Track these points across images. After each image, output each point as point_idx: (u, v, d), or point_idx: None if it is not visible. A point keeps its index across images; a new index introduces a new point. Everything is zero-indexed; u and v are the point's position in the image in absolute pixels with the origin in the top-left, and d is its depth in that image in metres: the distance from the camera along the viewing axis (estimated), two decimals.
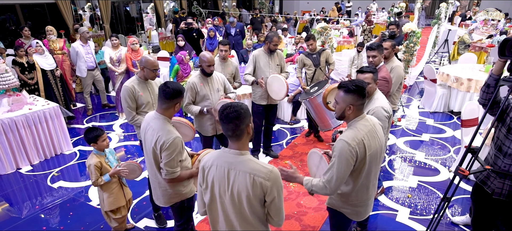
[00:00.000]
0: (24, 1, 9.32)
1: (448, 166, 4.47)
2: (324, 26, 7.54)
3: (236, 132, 1.65)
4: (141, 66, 3.00)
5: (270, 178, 1.64)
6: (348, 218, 2.27)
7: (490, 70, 5.89)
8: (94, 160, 2.85)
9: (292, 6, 20.83)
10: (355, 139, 1.93)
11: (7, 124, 4.32)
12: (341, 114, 2.03)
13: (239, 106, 1.66)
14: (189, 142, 5.31)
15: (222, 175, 1.70)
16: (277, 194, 1.67)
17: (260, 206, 1.70)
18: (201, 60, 3.35)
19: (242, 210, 1.71)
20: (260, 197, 1.67)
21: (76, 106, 7.00)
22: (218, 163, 1.72)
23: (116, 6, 12.34)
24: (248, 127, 1.69)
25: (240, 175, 1.66)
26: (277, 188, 1.67)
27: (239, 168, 1.67)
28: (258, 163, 1.68)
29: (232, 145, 1.71)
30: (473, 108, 4.12)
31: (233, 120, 1.63)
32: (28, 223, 3.49)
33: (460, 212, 3.56)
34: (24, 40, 6.43)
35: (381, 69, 3.29)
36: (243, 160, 1.68)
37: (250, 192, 1.65)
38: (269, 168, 1.66)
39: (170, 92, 2.19)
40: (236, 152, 1.69)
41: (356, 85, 1.94)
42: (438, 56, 10.65)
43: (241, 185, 1.66)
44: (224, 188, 1.71)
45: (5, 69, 4.56)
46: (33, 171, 4.53)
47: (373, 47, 3.29)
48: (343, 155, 1.92)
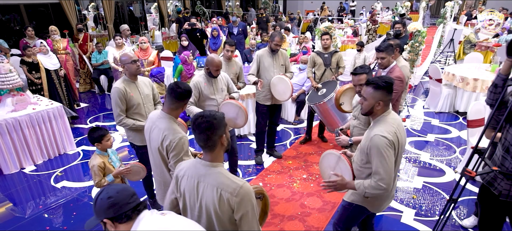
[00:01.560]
0: (28, 1, 9.36)
1: (454, 167, 4.42)
2: (328, 26, 7.49)
3: (208, 143, 1.56)
4: (122, 65, 3.03)
5: (238, 194, 1.51)
6: (367, 211, 2.32)
7: (497, 69, 5.84)
8: (97, 161, 2.83)
9: (296, 5, 20.79)
10: (390, 132, 2.00)
11: (11, 124, 4.33)
12: (370, 110, 2.08)
13: (212, 115, 1.56)
14: (191, 141, 5.31)
15: (192, 187, 1.62)
16: (246, 212, 1.53)
17: (229, 223, 1.58)
18: (209, 63, 3.32)
19: (211, 225, 1.61)
20: (228, 214, 1.55)
21: (80, 106, 7.02)
22: (189, 173, 1.64)
23: (120, 6, 12.36)
24: (221, 138, 1.59)
25: (208, 188, 1.56)
26: (246, 205, 1.53)
27: (207, 181, 1.58)
28: (228, 177, 1.57)
29: (205, 156, 1.62)
30: (479, 108, 4.07)
31: (204, 131, 1.54)
32: (32, 223, 3.50)
33: (466, 213, 3.51)
34: (28, 40, 6.46)
35: (394, 69, 3.25)
36: (213, 173, 1.58)
37: (216, 207, 1.54)
38: (239, 184, 1.54)
39: (181, 92, 2.17)
40: (207, 163, 1.60)
41: (386, 82, 2.01)
42: (444, 55, 10.56)
43: (208, 199, 1.57)
44: (193, 200, 1.63)
45: (9, 69, 4.57)
46: (37, 171, 4.54)
47: (382, 49, 3.24)
48: (383, 149, 1.97)
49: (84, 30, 7.90)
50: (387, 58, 3.25)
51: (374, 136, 2.00)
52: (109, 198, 1.40)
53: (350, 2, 20.04)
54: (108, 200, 1.40)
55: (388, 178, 2.02)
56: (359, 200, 2.32)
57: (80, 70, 7.95)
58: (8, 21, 9.55)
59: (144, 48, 6.11)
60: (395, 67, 3.27)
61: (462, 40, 9.83)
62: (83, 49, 7.68)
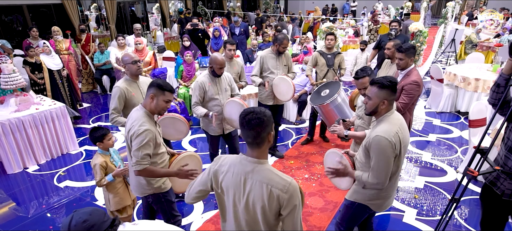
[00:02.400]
0: (31, 2, 9.40)
1: (455, 167, 4.42)
2: (330, 26, 7.50)
3: (256, 139, 1.57)
4: (124, 65, 3.10)
5: (288, 191, 1.55)
6: (369, 210, 2.35)
7: (498, 69, 5.84)
8: (99, 160, 2.85)
9: (297, 6, 20.79)
10: (392, 132, 2.02)
11: (14, 124, 4.36)
12: (374, 109, 2.11)
13: (263, 112, 1.57)
14: (194, 141, 5.33)
15: (238, 183, 1.63)
16: (293, 208, 1.57)
17: (274, 219, 1.62)
18: (212, 62, 3.35)
19: (256, 220, 1.65)
20: (276, 210, 1.59)
21: (82, 106, 7.04)
22: (235, 170, 1.65)
23: (122, 6, 12.40)
24: (269, 135, 1.61)
25: (257, 185, 1.58)
26: (294, 201, 1.56)
27: (256, 178, 1.59)
28: (277, 174, 1.60)
29: (251, 152, 1.62)
30: (481, 108, 4.07)
31: (255, 127, 1.54)
32: (35, 222, 3.52)
33: (468, 213, 3.51)
34: (31, 41, 6.48)
35: (412, 73, 3.18)
36: (261, 170, 1.60)
37: (266, 203, 1.57)
38: (288, 180, 1.57)
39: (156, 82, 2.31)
40: (254, 160, 1.61)
41: (390, 81, 2.04)
42: (445, 55, 10.55)
43: (257, 195, 1.59)
44: (239, 196, 1.64)
45: (12, 69, 4.60)
46: (40, 171, 4.56)
47: (402, 50, 3.17)
48: (383, 150, 2.00)
49: (86, 31, 7.93)
50: (405, 60, 3.19)
51: (376, 136, 2.02)
52: (84, 222, 1.37)
53: (351, 2, 20.04)
54: (84, 224, 1.36)
55: (383, 177, 2.06)
56: (361, 199, 2.33)
57: (82, 70, 7.98)
58: (11, 22, 9.59)
59: (140, 49, 6.15)
60: (413, 70, 3.21)
61: (464, 40, 9.82)
62: (85, 50, 7.71)
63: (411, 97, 3.12)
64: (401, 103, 3.16)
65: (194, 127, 5.86)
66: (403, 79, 3.21)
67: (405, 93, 3.14)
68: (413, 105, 3.30)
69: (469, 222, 3.38)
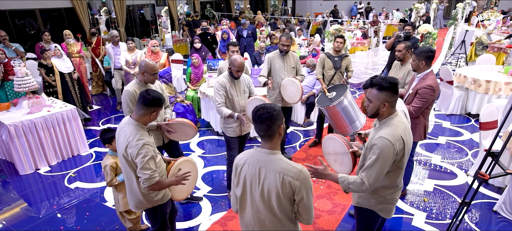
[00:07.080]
0: (43, 6, 9.57)
1: (466, 170, 4.36)
2: (338, 28, 7.48)
3: (268, 132, 1.73)
4: (141, 71, 3.05)
5: (299, 178, 1.70)
6: (378, 216, 2.29)
7: (510, 70, 5.74)
8: (109, 161, 2.90)
9: (305, 8, 20.76)
10: (395, 135, 1.99)
11: (27, 125, 4.44)
12: (375, 112, 2.09)
13: (272, 107, 1.73)
14: (202, 143, 5.35)
15: (254, 173, 1.79)
16: (305, 193, 1.73)
17: (289, 204, 1.77)
18: (231, 64, 3.36)
19: (271, 207, 1.79)
20: (289, 196, 1.74)
21: (93, 108, 7.14)
22: (251, 161, 1.81)
23: (131, 9, 12.55)
24: (280, 128, 1.76)
25: (271, 173, 1.74)
26: (306, 187, 1.72)
27: (269, 167, 1.75)
28: (288, 162, 1.75)
29: (264, 144, 1.79)
30: (492, 110, 4.01)
31: (265, 121, 1.70)
32: (46, 223, 3.58)
33: (479, 217, 3.46)
34: (44, 44, 6.60)
35: (428, 77, 3.10)
36: (274, 160, 1.75)
37: (279, 190, 1.72)
38: (299, 168, 1.72)
39: (149, 99, 2.21)
40: (267, 151, 1.78)
41: (389, 82, 2.01)
42: (455, 57, 10.42)
43: (271, 183, 1.74)
44: (255, 185, 1.80)
45: (25, 72, 4.70)
46: (51, 172, 4.64)
47: (416, 53, 3.14)
48: (385, 152, 1.97)
49: (97, 34, 8.04)
50: (415, 62, 3.14)
51: (380, 137, 1.99)
52: None
53: (358, 4, 19.95)
54: None
55: (375, 180, 2.01)
56: (365, 204, 2.29)
57: (92, 73, 8.09)
58: (23, 26, 9.78)
59: (156, 51, 6.22)
60: (429, 75, 3.13)
61: (474, 42, 9.69)
62: (95, 53, 7.82)
63: (425, 101, 3.06)
64: (413, 106, 3.11)
65: (202, 129, 5.89)
66: (419, 82, 3.13)
67: (418, 96, 3.09)
68: (428, 109, 3.23)
69: (480, 226, 3.33)
